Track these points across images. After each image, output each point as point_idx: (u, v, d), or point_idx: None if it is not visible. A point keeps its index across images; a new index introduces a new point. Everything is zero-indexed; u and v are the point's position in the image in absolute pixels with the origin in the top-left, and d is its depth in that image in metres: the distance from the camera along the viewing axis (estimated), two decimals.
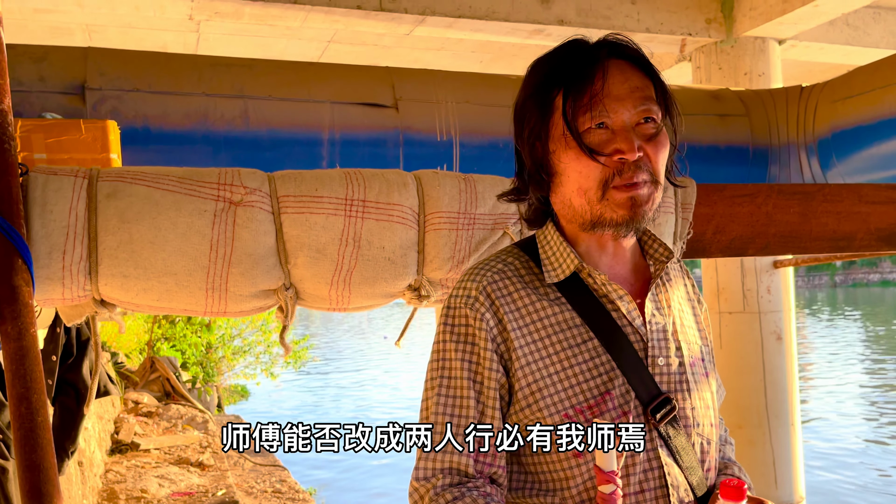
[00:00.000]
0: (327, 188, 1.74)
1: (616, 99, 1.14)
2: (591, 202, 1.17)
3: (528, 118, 1.20)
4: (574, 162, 1.16)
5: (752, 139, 3.92)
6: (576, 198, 1.18)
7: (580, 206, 1.19)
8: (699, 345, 1.32)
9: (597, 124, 1.14)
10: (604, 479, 1.05)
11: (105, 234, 1.58)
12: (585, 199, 1.17)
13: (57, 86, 2.87)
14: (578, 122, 1.15)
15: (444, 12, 4.37)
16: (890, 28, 5.43)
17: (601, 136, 1.15)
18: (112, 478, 5.48)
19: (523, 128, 1.22)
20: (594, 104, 1.14)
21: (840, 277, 64.28)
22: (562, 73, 1.17)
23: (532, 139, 1.21)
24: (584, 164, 1.15)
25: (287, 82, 3.22)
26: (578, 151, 1.15)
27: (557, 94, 1.17)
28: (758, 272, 4.94)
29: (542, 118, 1.19)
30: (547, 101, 1.18)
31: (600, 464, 1.05)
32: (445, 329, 1.21)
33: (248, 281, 1.68)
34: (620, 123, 1.15)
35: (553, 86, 1.18)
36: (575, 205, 1.19)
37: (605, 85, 1.14)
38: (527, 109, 1.21)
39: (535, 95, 1.20)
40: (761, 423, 4.93)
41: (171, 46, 5.43)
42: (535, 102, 1.20)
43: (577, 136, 1.14)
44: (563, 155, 1.17)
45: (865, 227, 2.22)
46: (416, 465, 1.18)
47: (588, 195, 1.16)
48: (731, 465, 1.38)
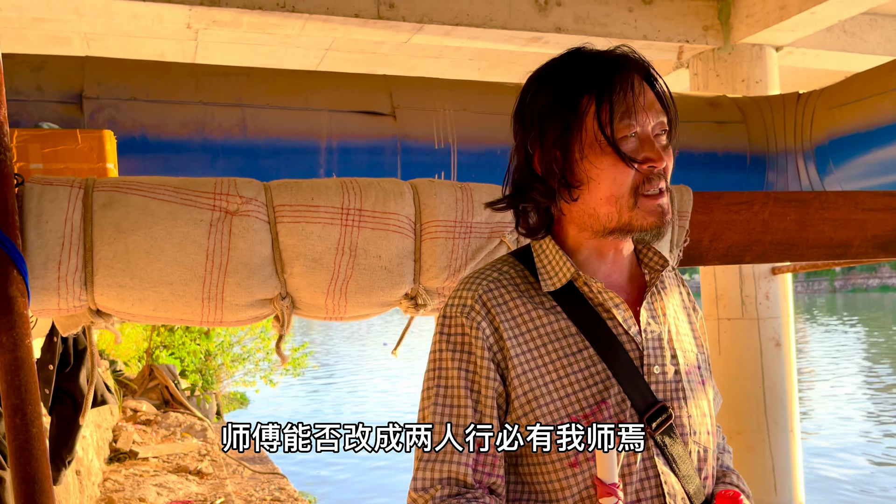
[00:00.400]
0: (323, 197, 1.74)
1: (643, 109, 1.16)
2: (622, 210, 1.17)
3: (553, 125, 1.18)
4: (610, 168, 1.16)
5: (750, 146, 3.92)
6: (604, 205, 1.18)
7: (607, 213, 1.18)
8: (695, 353, 1.32)
9: (631, 133, 1.16)
10: (605, 491, 1.04)
11: (101, 245, 1.58)
12: (616, 206, 1.17)
13: (54, 95, 2.88)
14: (616, 129, 1.15)
15: (441, 20, 4.38)
16: (887, 35, 5.44)
17: (632, 145, 1.16)
18: (110, 486, 5.47)
19: (546, 133, 1.19)
20: (631, 113, 1.15)
21: (839, 283, 64.31)
22: (594, 80, 1.17)
23: (556, 145, 1.19)
24: (620, 171, 1.16)
25: (284, 91, 3.22)
26: (615, 158, 1.15)
27: (589, 100, 1.16)
28: (756, 278, 4.94)
29: (569, 124, 1.17)
30: (577, 106, 1.17)
31: (601, 476, 1.04)
32: (441, 338, 1.21)
33: (245, 290, 1.68)
34: (647, 133, 1.17)
35: (584, 91, 1.17)
36: (601, 212, 1.19)
37: (636, 95, 1.16)
38: (550, 115, 1.18)
39: (560, 101, 1.18)
40: (760, 429, 4.92)
41: (169, 55, 5.44)
42: (561, 108, 1.18)
43: (615, 143, 1.15)
44: (597, 161, 1.17)
45: (862, 235, 2.21)
46: (413, 475, 1.18)
47: (620, 202, 1.17)
48: (730, 473, 1.38)
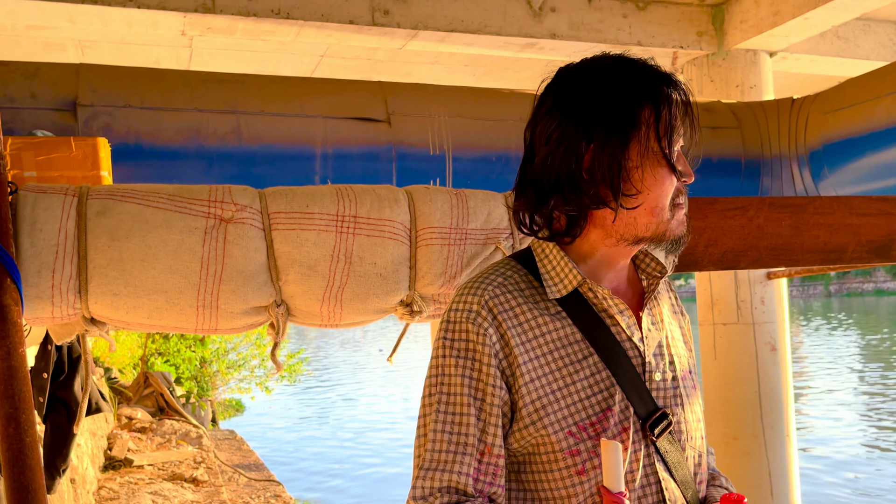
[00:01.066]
0: (318, 204, 1.73)
1: (681, 126, 1.21)
2: (661, 220, 1.20)
3: (613, 131, 1.16)
4: (664, 180, 1.18)
5: (745, 151, 3.93)
6: (645, 215, 1.19)
7: (646, 223, 1.20)
8: (687, 357, 1.32)
9: (678, 147, 1.21)
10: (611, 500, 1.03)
11: (95, 253, 1.58)
12: (657, 217, 1.19)
13: (48, 102, 2.87)
14: (672, 142, 1.19)
15: (436, 27, 4.38)
16: (879, 40, 5.47)
17: (676, 159, 1.21)
18: (105, 494, 5.44)
19: (605, 139, 1.16)
20: (679, 127, 1.20)
21: (834, 287, 64.46)
22: (654, 91, 1.18)
23: (615, 153, 1.16)
24: (669, 184, 1.19)
25: (279, 97, 3.22)
26: (668, 171, 1.18)
27: (650, 111, 1.17)
28: (751, 283, 4.94)
29: (629, 133, 1.17)
30: (636, 116, 1.17)
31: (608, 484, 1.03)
32: (445, 344, 1.19)
33: (240, 298, 1.67)
34: (681, 149, 1.22)
35: (644, 101, 1.17)
36: (640, 222, 1.19)
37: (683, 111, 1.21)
38: (612, 121, 1.16)
39: (620, 108, 1.17)
40: (756, 434, 4.92)
41: (164, 62, 5.44)
42: (621, 116, 1.17)
43: (669, 157, 1.18)
44: (651, 171, 1.18)
45: (857, 240, 2.22)
46: (413, 483, 1.16)
47: (661, 213, 1.19)
48: (718, 476, 1.39)
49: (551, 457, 1.16)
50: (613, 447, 1.01)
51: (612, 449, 1.01)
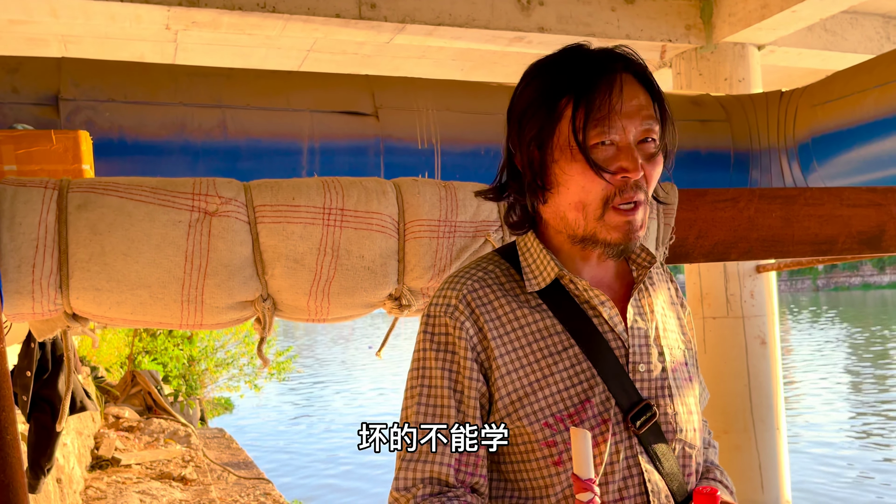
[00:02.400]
0: (305, 197, 1.71)
1: (626, 116, 1.12)
2: (588, 218, 1.15)
3: (532, 123, 1.16)
4: (579, 175, 1.13)
5: (734, 144, 3.93)
6: (571, 211, 1.16)
7: (574, 219, 1.17)
8: (682, 349, 1.31)
9: (606, 140, 1.12)
10: (581, 486, 1.03)
11: (76, 247, 1.54)
12: (583, 214, 1.15)
13: (30, 97, 2.83)
14: (589, 136, 1.12)
15: (423, 20, 4.36)
16: (867, 33, 5.48)
17: (607, 153, 1.13)
18: (92, 494, 5.40)
19: (524, 131, 1.17)
20: (608, 120, 1.11)
21: (822, 281, 64.88)
22: (574, 81, 1.13)
23: (532, 144, 1.17)
24: (589, 180, 1.13)
25: (265, 91, 3.19)
26: (584, 165, 1.12)
27: (567, 102, 1.14)
28: (741, 277, 4.95)
29: (546, 124, 1.15)
30: (554, 107, 1.15)
31: (577, 471, 1.03)
32: (425, 337, 1.20)
33: (225, 292, 1.64)
34: (626, 141, 1.13)
35: (563, 93, 1.14)
36: (569, 218, 1.17)
37: (616, 101, 1.12)
38: (530, 113, 1.16)
39: (541, 100, 1.16)
40: (747, 427, 4.93)
41: (148, 56, 5.38)
42: (540, 107, 1.15)
43: (586, 150, 1.12)
44: (566, 166, 1.14)
45: (847, 231, 2.21)
46: (395, 475, 1.17)
47: (587, 211, 1.15)
48: (713, 469, 1.37)
49: (528, 447, 1.16)
50: (582, 435, 1.02)
51: (580, 437, 1.02)
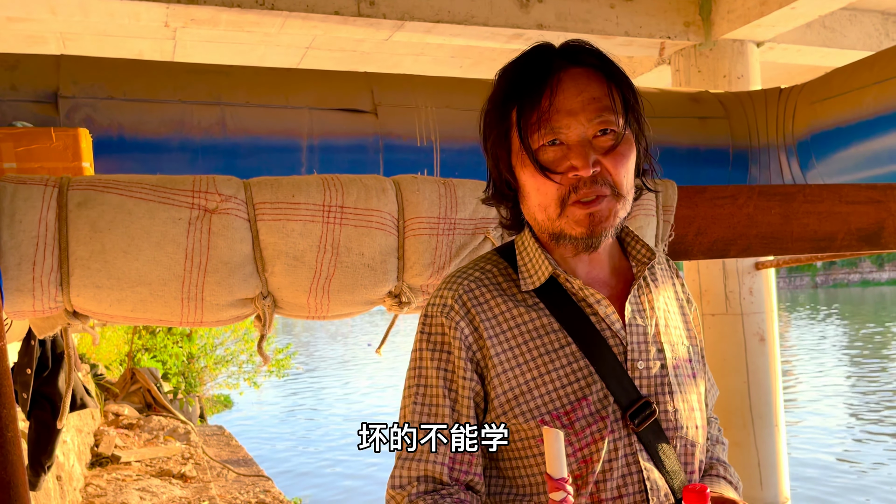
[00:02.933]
0: (304, 194, 1.71)
1: (568, 114, 1.12)
2: (551, 218, 1.16)
3: (490, 131, 1.20)
4: (531, 179, 1.15)
5: (733, 141, 3.93)
6: (538, 212, 1.19)
7: (542, 220, 1.19)
8: (686, 346, 1.30)
9: (549, 141, 1.13)
10: (554, 486, 1.03)
11: (76, 244, 1.55)
12: (545, 214, 1.17)
13: (29, 94, 2.82)
14: (531, 140, 1.13)
15: (422, 17, 4.35)
16: (866, 30, 5.48)
17: (556, 153, 1.13)
18: (92, 491, 5.40)
19: (486, 142, 1.22)
20: (543, 122, 1.12)
21: (821, 278, 64.90)
22: (517, 87, 1.15)
23: (495, 153, 1.21)
24: (541, 182, 1.14)
25: (265, 89, 3.18)
26: (534, 169, 1.14)
27: (513, 108, 1.16)
28: (740, 274, 4.95)
29: (501, 132, 1.18)
30: (505, 115, 1.17)
31: (550, 471, 1.03)
32: (422, 338, 1.22)
33: (225, 290, 1.65)
34: (575, 138, 1.12)
35: (510, 100, 1.16)
36: (538, 219, 1.19)
37: (554, 101, 1.12)
38: (488, 123, 1.20)
39: (494, 109, 1.19)
40: (745, 424, 4.94)
41: (147, 54, 5.38)
42: (494, 116, 1.18)
43: (531, 154, 1.13)
44: (521, 171, 1.17)
45: (846, 228, 2.21)
46: (392, 472, 1.18)
47: (547, 211, 1.16)
48: (717, 464, 1.36)
49: (525, 444, 1.17)
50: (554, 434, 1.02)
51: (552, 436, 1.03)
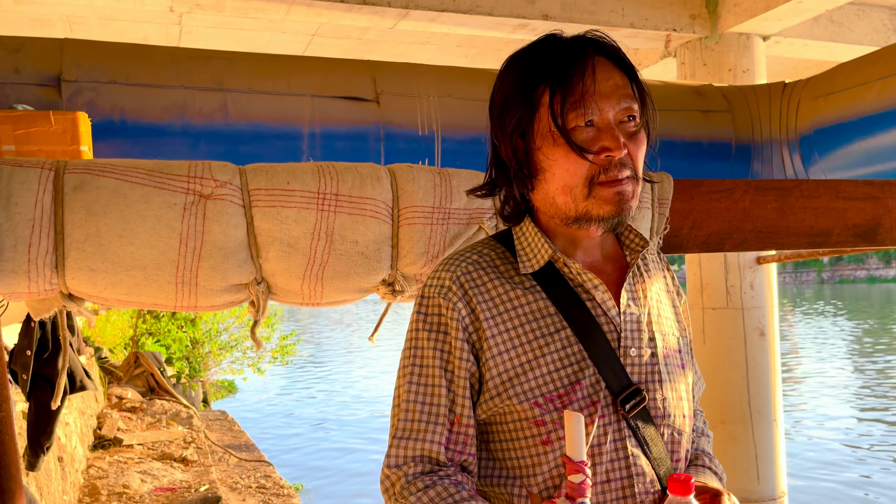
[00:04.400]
0: (299, 181, 1.72)
1: (602, 97, 1.15)
2: (577, 199, 1.17)
3: (512, 113, 1.19)
4: (562, 159, 1.16)
5: (735, 135, 3.92)
6: (560, 195, 1.19)
7: (564, 203, 1.19)
8: (676, 336, 1.32)
9: (585, 122, 1.15)
10: (573, 468, 1.05)
11: (72, 227, 1.56)
12: (571, 196, 1.17)
13: (32, 77, 2.84)
14: (567, 120, 1.14)
15: (427, 6, 4.35)
16: (873, 25, 5.44)
17: (588, 134, 1.15)
18: (94, 473, 5.45)
19: (505, 123, 1.20)
20: (584, 102, 1.14)
21: (827, 274, 64.72)
22: (548, 69, 1.16)
23: (515, 135, 1.20)
24: (573, 162, 1.15)
25: (267, 75, 3.19)
26: (567, 149, 1.15)
27: (544, 90, 1.17)
28: (741, 268, 4.94)
29: (526, 114, 1.18)
30: (532, 96, 1.18)
31: (570, 453, 1.05)
32: (419, 318, 1.23)
33: (219, 275, 1.66)
34: (606, 121, 1.15)
35: (539, 81, 1.17)
36: (559, 202, 1.19)
37: (589, 83, 1.14)
38: (510, 104, 1.20)
39: (518, 90, 1.19)
40: (744, 418, 4.94)
41: (153, 39, 5.38)
42: (518, 97, 1.19)
43: (566, 134, 1.14)
44: (549, 152, 1.17)
45: (843, 223, 2.21)
46: (387, 452, 1.20)
47: (574, 192, 1.17)
48: (702, 455, 1.39)
49: (518, 425, 1.19)
50: (576, 418, 1.04)
51: (574, 420, 1.04)
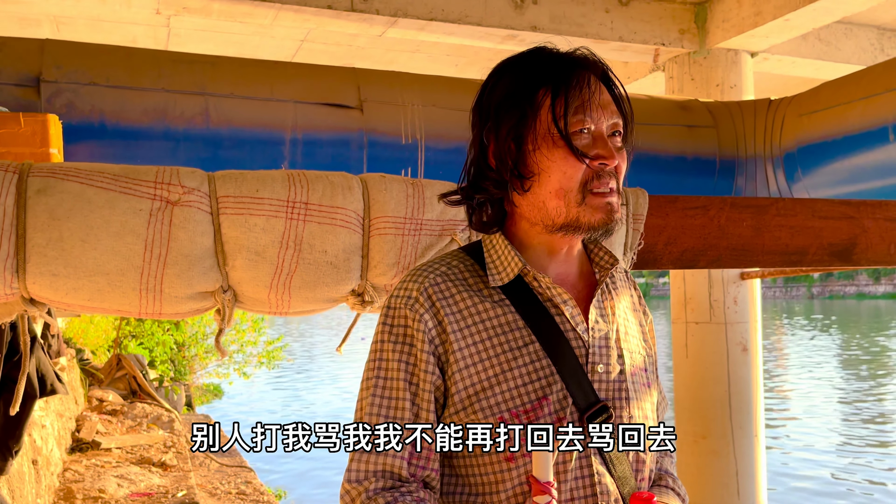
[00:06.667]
0: (269, 189, 1.70)
1: (600, 107, 1.17)
2: (570, 204, 1.17)
3: (509, 115, 1.19)
4: (560, 161, 1.16)
5: (720, 151, 3.92)
6: (552, 199, 1.18)
7: (555, 207, 1.18)
8: (642, 355, 1.31)
9: (580, 129, 1.16)
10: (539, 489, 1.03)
11: (34, 231, 1.54)
12: (564, 200, 1.17)
13: (11, 77, 2.81)
14: (569, 123, 1.15)
15: (416, 14, 4.34)
16: (861, 44, 5.47)
17: (584, 140, 1.16)
18: (70, 477, 5.40)
19: (501, 124, 1.19)
20: (584, 109, 1.16)
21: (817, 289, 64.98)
22: (550, 74, 1.17)
23: (510, 137, 1.19)
24: (570, 165, 1.15)
25: (250, 80, 3.17)
26: (566, 151, 1.15)
27: (545, 93, 1.17)
28: (725, 283, 4.95)
29: (524, 116, 1.18)
30: (531, 99, 1.18)
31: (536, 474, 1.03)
32: (384, 329, 1.21)
33: (184, 283, 1.64)
34: (600, 131, 1.17)
35: (540, 84, 1.18)
36: (549, 206, 1.19)
37: (590, 91, 1.16)
38: (507, 106, 1.19)
39: (517, 93, 1.19)
40: (725, 433, 4.93)
41: (141, 41, 5.36)
42: (517, 99, 1.18)
43: (567, 137, 1.15)
44: (548, 153, 1.17)
45: (818, 242, 2.21)
46: (348, 465, 1.17)
47: (568, 197, 1.17)
48: (666, 476, 1.38)
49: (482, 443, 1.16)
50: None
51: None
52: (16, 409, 1.61)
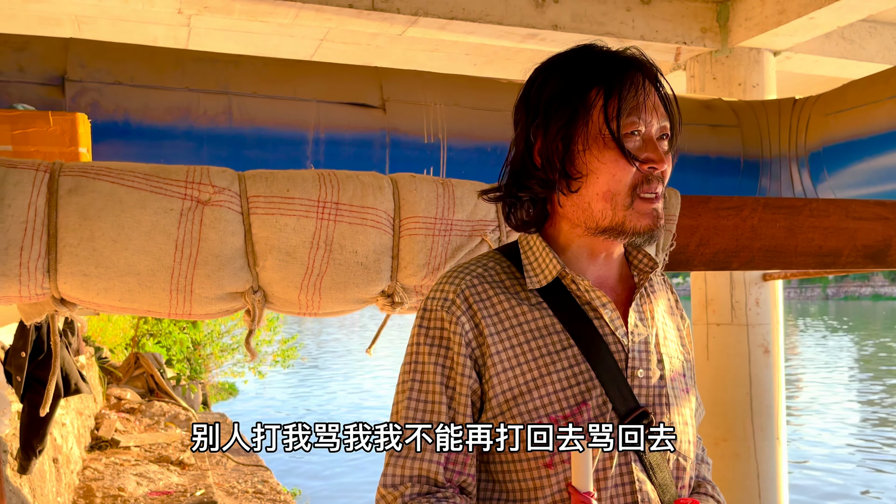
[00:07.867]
0: (299, 189, 1.69)
1: (650, 110, 1.15)
2: (616, 207, 1.15)
3: (559, 114, 1.16)
4: (611, 164, 1.14)
5: (744, 150, 3.88)
6: (598, 201, 1.16)
7: (601, 210, 1.16)
8: (681, 360, 1.29)
9: (632, 131, 1.14)
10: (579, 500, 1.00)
11: (65, 231, 1.53)
12: (611, 203, 1.15)
13: (36, 76, 2.81)
14: (622, 125, 1.13)
15: (437, 13, 4.32)
16: (885, 43, 5.40)
17: (635, 143, 1.14)
18: (89, 475, 5.42)
19: (550, 122, 1.17)
20: (637, 111, 1.14)
21: (832, 290, 64.55)
22: (603, 73, 1.15)
23: (559, 136, 1.17)
24: (620, 168, 1.14)
25: (273, 79, 3.16)
26: (617, 154, 1.13)
27: (598, 92, 1.15)
28: (746, 284, 4.90)
29: (575, 115, 1.16)
30: (583, 98, 1.16)
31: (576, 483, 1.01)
32: (420, 331, 1.18)
33: (214, 283, 1.63)
34: (650, 134, 1.15)
35: (592, 84, 1.15)
36: (595, 208, 1.16)
37: (642, 94, 1.15)
38: (557, 105, 1.17)
39: (568, 91, 1.16)
40: (746, 436, 4.89)
41: (161, 40, 5.37)
42: (568, 98, 1.16)
43: (619, 139, 1.13)
44: (598, 155, 1.15)
45: (852, 244, 2.18)
46: (384, 470, 1.15)
47: (616, 199, 1.15)
48: (705, 483, 1.35)
49: (519, 447, 1.14)
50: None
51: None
52: (45, 411, 1.60)
